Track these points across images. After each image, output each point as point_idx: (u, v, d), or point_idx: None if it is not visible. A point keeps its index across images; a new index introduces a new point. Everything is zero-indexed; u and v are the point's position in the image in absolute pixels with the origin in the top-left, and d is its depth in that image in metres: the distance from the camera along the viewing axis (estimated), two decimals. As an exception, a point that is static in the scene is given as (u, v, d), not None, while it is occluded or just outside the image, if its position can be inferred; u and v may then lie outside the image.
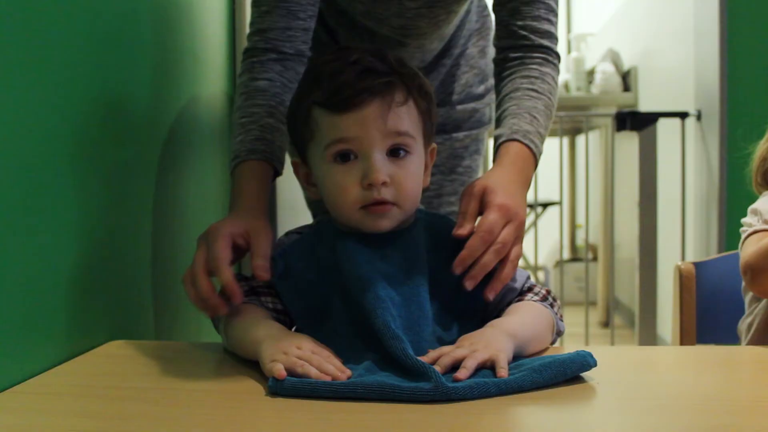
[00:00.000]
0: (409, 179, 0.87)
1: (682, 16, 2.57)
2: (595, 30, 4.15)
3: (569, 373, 0.75)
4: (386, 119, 0.85)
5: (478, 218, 0.90)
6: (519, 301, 0.91)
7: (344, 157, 0.86)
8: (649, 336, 2.45)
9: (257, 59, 1.04)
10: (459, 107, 1.30)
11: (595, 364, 0.76)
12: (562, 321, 0.92)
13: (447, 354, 0.77)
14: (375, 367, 0.78)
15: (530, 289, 0.92)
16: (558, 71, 1.08)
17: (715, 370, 0.84)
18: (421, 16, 1.16)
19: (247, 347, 0.82)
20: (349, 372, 0.75)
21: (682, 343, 1.21)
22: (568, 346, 0.89)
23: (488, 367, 0.75)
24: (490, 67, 1.33)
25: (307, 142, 0.90)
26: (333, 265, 0.89)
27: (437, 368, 0.73)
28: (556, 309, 0.91)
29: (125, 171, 1.06)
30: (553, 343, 0.91)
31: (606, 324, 3.41)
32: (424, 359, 0.76)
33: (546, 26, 1.07)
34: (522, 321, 0.86)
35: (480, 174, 1.36)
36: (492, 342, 0.78)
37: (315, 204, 1.29)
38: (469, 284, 0.86)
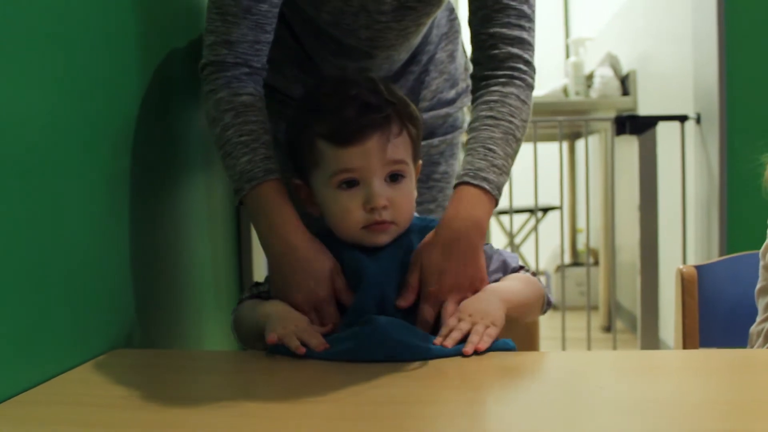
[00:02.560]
0: (405, 200, 0.98)
1: (681, 20, 2.57)
2: (594, 34, 4.15)
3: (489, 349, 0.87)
4: (385, 150, 0.95)
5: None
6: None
7: (348, 183, 0.96)
8: (651, 340, 2.45)
9: (231, 74, 1.05)
10: (431, 113, 1.29)
11: (515, 348, 0.90)
12: (550, 294, 1.04)
13: (456, 329, 0.89)
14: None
15: (521, 267, 1.04)
16: (528, 85, 1.07)
17: (719, 373, 0.83)
18: (389, 28, 1.15)
19: (258, 321, 0.94)
20: (326, 346, 0.89)
21: (685, 347, 1.21)
22: (570, 350, 0.89)
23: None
24: (460, 71, 1.34)
25: (311, 168, 0.99)
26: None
27: (449, 342, 0.88)
28: (545, 283, 0.99)
29: (125, 179, 1.06)
30: (543, 313, 1.04)
31: (608, 328, 3.40)
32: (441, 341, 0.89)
33: (516, 32, 1.06)
34: (516, 288, 0.99)
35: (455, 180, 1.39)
36: (489, 313, 0.91)
37: (315, 220, 1.30)
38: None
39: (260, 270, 1.64)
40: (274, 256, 1.00)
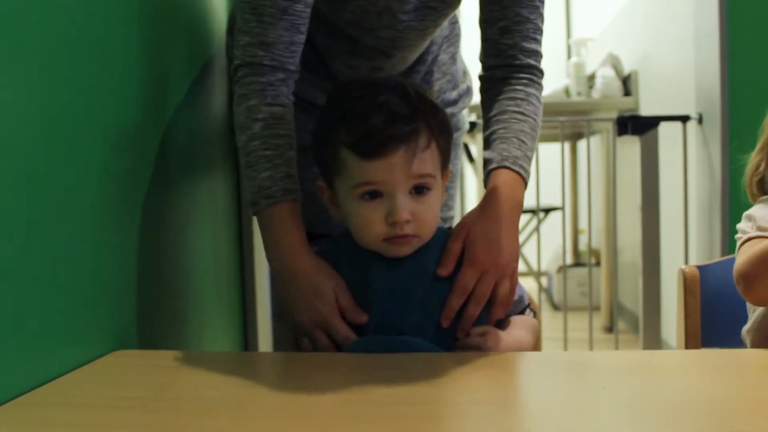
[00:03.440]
0: (429, 214, 0.95)
1: (682, 20, 2.57)
2: (595, 35, 4.15)
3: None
4: (411, 164, 0.91)
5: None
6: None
7: (371, 195, 0.93)
8: (653, 340, 2.45)
9: (266, 80, 1.03)
10: None
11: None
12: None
13: (475, 335, 0.95)
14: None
15: (528, 306, 1.07)
16: (542, 89, 1.13)
17: (721, 373, 0.83)
18: (411, 28, 1.16)
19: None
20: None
21: (687, 347, 1.20)
22: (572, 351, 0.90)
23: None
24: (460, 74, 1.36)
25: (334, 175, 0.97)
26: (353, 280, 0.98)
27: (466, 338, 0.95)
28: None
29: (127, 179, 1.06)
30: None
31: (610, 329, 3.40)
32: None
33: (533, 45, 1.11)
34: (528, 346, 1.03)
35: (458, 180, 1.43)
36: (504, 350, 0.96)
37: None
38: (461, 334, 0.96)
39: (262, 271, 1.64)
40: (282, 280, 1.00)
